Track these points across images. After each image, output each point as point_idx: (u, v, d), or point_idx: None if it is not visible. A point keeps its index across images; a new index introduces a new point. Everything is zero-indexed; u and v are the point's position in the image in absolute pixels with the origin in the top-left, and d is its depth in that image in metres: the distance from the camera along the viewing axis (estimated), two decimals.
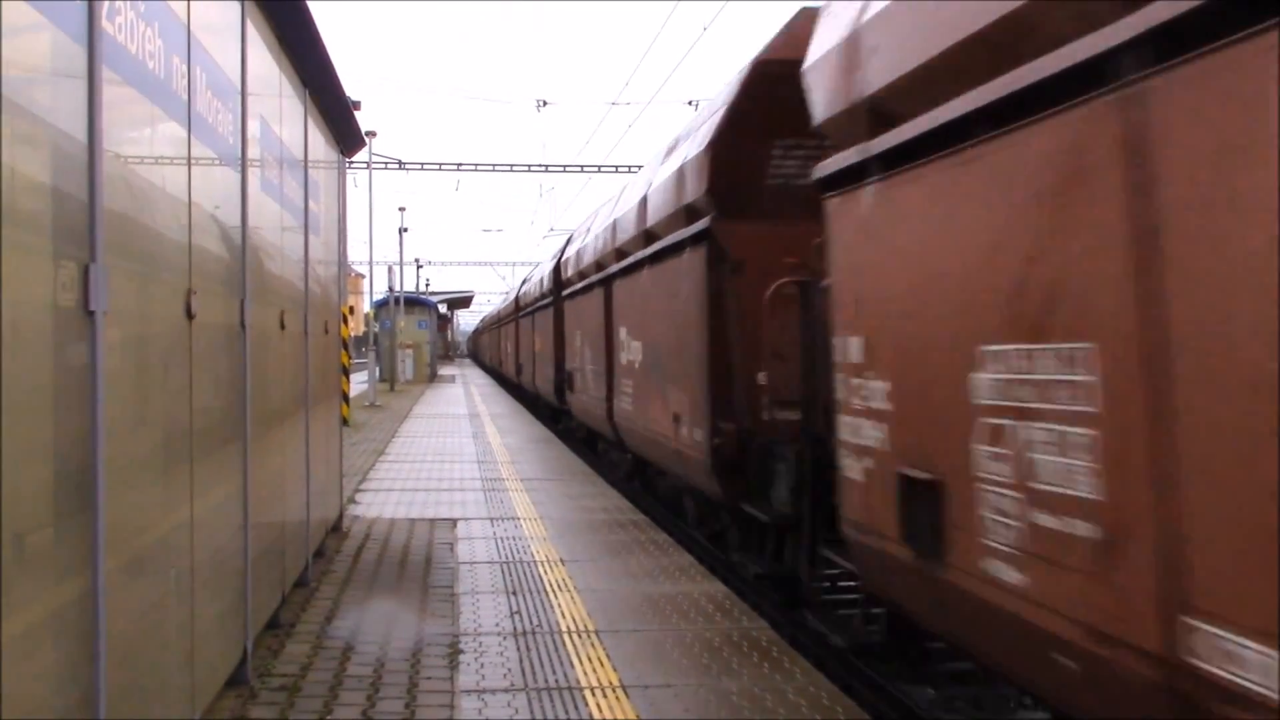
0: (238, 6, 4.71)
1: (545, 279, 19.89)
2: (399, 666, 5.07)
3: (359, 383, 30.53)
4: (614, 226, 11.68)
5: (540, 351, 20.97)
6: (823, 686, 4.85)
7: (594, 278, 13.04)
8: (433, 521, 9.24)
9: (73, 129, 2.68)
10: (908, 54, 3.94)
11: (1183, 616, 2.59)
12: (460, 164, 33.35)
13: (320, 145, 7.61)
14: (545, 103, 32.81)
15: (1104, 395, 2.89)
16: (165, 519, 3.51)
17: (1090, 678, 3.04)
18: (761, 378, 7.29)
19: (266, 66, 5.47)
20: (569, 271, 16.16)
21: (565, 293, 16.36)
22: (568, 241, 17.93)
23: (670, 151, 9.63)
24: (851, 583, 5.72)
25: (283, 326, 5.76)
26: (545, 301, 19.79)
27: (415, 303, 42.14)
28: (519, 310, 27.71)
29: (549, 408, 21.42)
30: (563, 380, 16.88)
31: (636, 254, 10.29)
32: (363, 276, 53.37)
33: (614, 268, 11.55)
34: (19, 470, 2.32)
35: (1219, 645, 2.47)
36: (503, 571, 7.21)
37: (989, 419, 3.48)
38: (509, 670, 5.05)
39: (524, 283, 27.95)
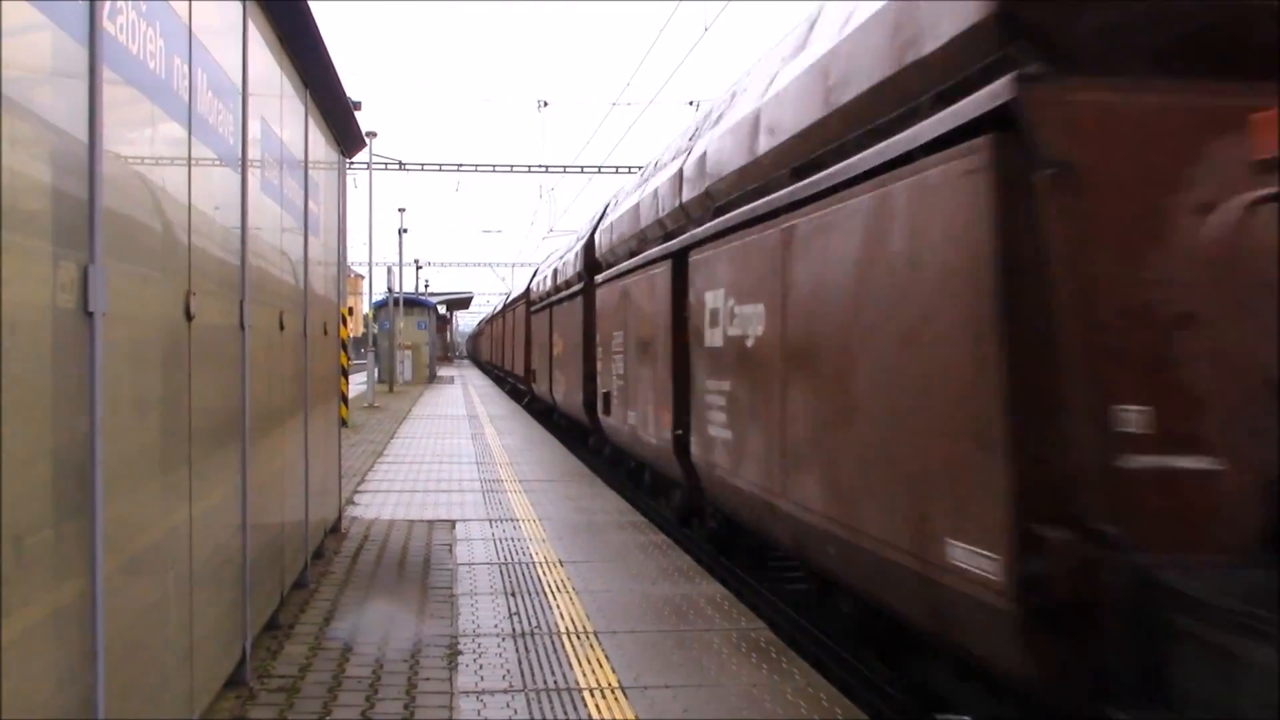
0: (239, 6, 4.71)
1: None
2: (398, 667, 5.07)
3: (358, 384, 30.49)
4: None
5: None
6: (821, 687, 4.85)
7: None
8: (431, 523, 9.24)
9: (73, 129, 2.68)
10: None
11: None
12: (460, 164, 33.43)
13: (320, 145, 7.60)
14: (545, 103, 32.89)
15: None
16: (164, 520, 3.51)
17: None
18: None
19: (267, 67, 5.47)
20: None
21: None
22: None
23: None
24: None
25: (282, 327, 5.76)
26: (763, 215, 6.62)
27: (414, 304, 42.11)
28: (589, 270, 14.62)
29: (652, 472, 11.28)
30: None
31: None
32: (362, 277, 53.39)
33: None
34: (18, 471, 2.32)
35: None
36: (501, 573, 7.21)
37: None
38: (508, 671, 5.05)
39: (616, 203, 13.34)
